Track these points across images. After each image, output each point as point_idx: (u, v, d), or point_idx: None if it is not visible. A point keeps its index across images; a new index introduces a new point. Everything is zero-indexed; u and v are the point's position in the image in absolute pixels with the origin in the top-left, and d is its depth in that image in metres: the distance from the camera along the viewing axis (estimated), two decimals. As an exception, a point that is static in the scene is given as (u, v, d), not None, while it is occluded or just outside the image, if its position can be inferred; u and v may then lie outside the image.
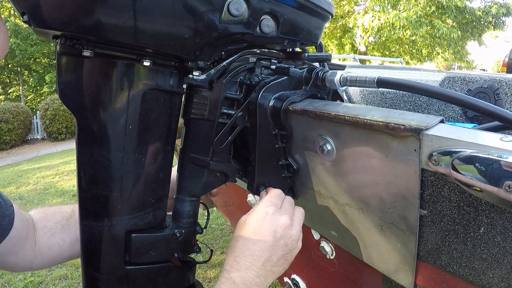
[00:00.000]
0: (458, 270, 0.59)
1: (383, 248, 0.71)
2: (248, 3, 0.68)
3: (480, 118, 0.88)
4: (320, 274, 1.06)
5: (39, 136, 11.37)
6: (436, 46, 13.12)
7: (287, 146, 0.82)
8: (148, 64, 0.69)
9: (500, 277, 0.54)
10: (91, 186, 0.74)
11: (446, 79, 0.97)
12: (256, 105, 0.78)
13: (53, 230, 0.84)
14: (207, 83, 0.81)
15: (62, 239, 0.83)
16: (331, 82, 0.78)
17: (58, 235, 0.83)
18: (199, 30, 0.67)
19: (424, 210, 0.61)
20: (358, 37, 13.15)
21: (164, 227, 0.82)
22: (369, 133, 0.63)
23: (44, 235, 0.81)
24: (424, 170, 0.57)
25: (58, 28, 0.62)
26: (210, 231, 3.21)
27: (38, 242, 0.79)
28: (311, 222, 0.94)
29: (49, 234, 0.82)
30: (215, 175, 0.86)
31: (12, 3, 0.64)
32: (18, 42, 13.42)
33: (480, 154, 0.48)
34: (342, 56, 9.72)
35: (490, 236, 0.53)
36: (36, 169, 6.46)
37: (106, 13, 0.60)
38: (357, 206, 0.73)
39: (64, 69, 0.70)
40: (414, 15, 10.75)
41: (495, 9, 11.92)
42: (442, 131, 0.54)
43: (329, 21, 0.94)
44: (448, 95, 0.62)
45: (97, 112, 0.70)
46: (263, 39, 0.77)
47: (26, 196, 4.76)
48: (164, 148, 0.78)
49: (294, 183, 0.87)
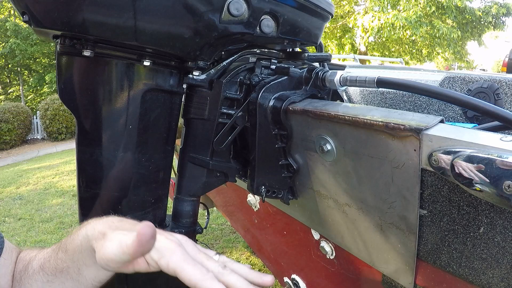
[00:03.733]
0: (458, 270, 0.59)
1: (383, 248, 0.71)
2: (248, 3, 0.68)
3: (480, 118, 0.88)
4: (320, 274, 1.06)
5: (39, 136, 11.37)
6: (436, 46, 13.11)
7: (287, 146, 0.82)
8: (148, 64, 0.69)
9: (500, 277, 0.54)
10: (91, 186, 0.74)
11: (446, 79, 0.97)
12: (256, 105, 0.78)
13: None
14: (207, 83, 0.81)
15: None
16: (331, 82, 0.78)
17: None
18: (199, 30, 0.67)
19: (424, 210, 0.61)
20: (358, 37, 13.14)
21: (164, 227, 0.83)
22: (369, 133, 0.63)
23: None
24: (424, 170, 0.57)
25: (58, 27, 0.62)
26: (210, 231, 3.21)
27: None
28: (311, 222, 0.94)
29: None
30: (215, 175, 0.86)
31: (12, 3, 0.65)
32: (18, 42, 13.40)
33: (480, 154, 0.48)
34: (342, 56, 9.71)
35: (490, 236, 0.53)
36: (36, 169, 6.46)
37: (106, 13, 0.60)
38: (357, 206, 0.73)
39: (64, 69, 0.70)
40: (414, 15, 10.75)
41: (495, 9, 11.91)
42: (442, 131, 0.54)
43: (329, 21, 0.94)
44: (448, 95, 0.62)
45: (97, 112, 0.70)
46: (263, 39, 0.77)
47: (26, 196, 4.76)
48: (164, 148, 0.78)
49: (294, 183, 0.87)
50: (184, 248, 0.48)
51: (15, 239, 3.38)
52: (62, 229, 3.55)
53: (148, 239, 0.43)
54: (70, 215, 3.90)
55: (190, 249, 0.48)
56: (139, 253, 0.44)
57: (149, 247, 0.44)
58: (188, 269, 0.44)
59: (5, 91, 17.37)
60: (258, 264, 2.63)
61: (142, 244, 0.43)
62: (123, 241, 0.45)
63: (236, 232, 3.01)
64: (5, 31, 13.80)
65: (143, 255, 0.46)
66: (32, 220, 3.85)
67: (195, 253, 0.48)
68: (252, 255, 2.76)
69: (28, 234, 3.49)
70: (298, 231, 1.06)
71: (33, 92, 16.47)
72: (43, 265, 0.57)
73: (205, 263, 0.46)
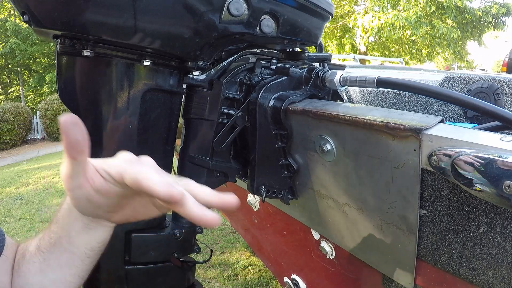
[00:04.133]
0: (458, 270, 0.59)
1: (383, 248, 0.71)
2: (248, 3, 0.68)
3: (480, 118, 0.88)
4: (320, 274, 1.06)
5: (39, 136, 11.37)
6: (436, 46, 13.11)
7: (287, 146, 0.82)
8: (148, 64, 0.69)
9: (500, 277, 0.54)
10: (91, 186, 0.74)
11: (446, 79, 0.97)
12: (256, 105, 0.78)
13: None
14: (207, 83, 0.81)
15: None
16: (331, 82, 0.78)
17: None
18: (199, 30, 0.67)
19: (424, 210, 0.61)
20: (358, 37, 13.14)
21: (164, 227, 0.83)
22: (369, 133, 0.63)
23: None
24: (424, 170, 0.57)
25: (58, 27, 0.62)
26: (210, 231, 3.20)
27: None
28: (311, 222, 0.94)
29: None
30: (215, 175, 0.86)
31: (12, 3, 0.65)
32: (18, 42, 13.40)
33: (480, 154, 0.48)
34: (342, 56, 9.71)
35: (490, 236, 0.53)
36: (36, 169, 6.46)
37: (106, 13, 0.60)
38: (357, 206, 0.73)
39: (64, 69, 0.70)
40: (414, 15, 10.75)
41: (495, 9, 11.91)
42: (442, 131, 0.54)
43: (329, 21, 0.94)
44: (448, 95, 0.62)
45: (97, 112, 0.70)
46: (263, 39, 0.77)
47: (26, 196, 4.76)
48: (164, 148, 0.78)
49: (294, 183, 0.87)
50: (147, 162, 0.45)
51: (15, 239, 3.38)
52: (62, 229, 3.55)
53: (69, 125, 0.40)
54: (70, 215, 3.89)
55: (152, 164, 0.45)
56: (69, 140, 0.42)
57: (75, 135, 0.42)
58: (153, 177, 0.40)
59: (5, 91, 17.37)
60: (258, 264, 2.63)
61: (67, 132, 0.40)
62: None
63: (236, 232, 3.01)
64: (5, 31, 13.80)
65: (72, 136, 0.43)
66: (32, 220, 3.85)
67: (157, 168, 0.44)
68: (252, 255, 2.76)
69: (28, 234, 3.49)
70: (298, 231, 1.06)
71: (33, 92, 16.46)
72: (39, 244, 0.56)
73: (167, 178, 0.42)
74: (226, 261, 2.73)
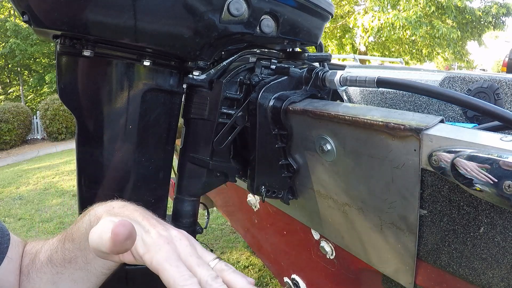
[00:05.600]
0: (458, 270, 0.59)
1: (383, 248, 0.71)
2: (248, 3, 0.68)
3: (480, 118, 0.88)
4: (320, 274, 1.06)
5: (39, 136, 11.37)
6: (436, 46, 13.11)
7: (287, 146, 0.82)
8: (148, 64, 0.69)
9: (500, 277, 0.54)
10: (91, 186, 0.74)
11: (446, 79, 0.97)
12: (256, 105, 0.78)
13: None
14: (207, 83, 0.81)
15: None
16: (331, 82, 0.78)
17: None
18: (199, 30, 0.67)
19: (424, 210, 0.61)
20: (358, 37, 13.14)
21: (164, 227, 0.82)
22: (369, 133, 0.63)
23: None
24: (424, 170, 0.57)
25: (58, 27, 0.62)
26: (210, 231, 3.21)
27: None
28: (311, 222, 0.94)
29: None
30: (215, 175, 0.86)
31: (12, 3, 0.65)
32: (18, 42, 13.40)
33: (480, 154, 0.48)
34: (342, 56, 9.71)
35: (490, 236, 0.53)
36: (36, 169, 6.46)
37: (106, 13, 0.60)
38: (357, 206, 0.73)
39: (64, 69, 0.70)
40: (414, 15, 10.75)
41: (495, 9, 11.91)
42: (442, 131, 0.54)
43: (329, 21, 0.94)
44: (448, 95, 0.62)
45: (97, 112, 0.70)
46: (263, 39, 0.77)
47: (26, 196, 4.76)
48: (164, 148, 0.78)
49: (294, 183, 0.87)
50: (176, 246, 0.44)
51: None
52: (62, 229, 3.55)
53: (122, 240, 0.39)
54: (70, 215, 3.90)
55: (183, 248, 0.44)
56: (115, 252, 0.41)
57: (125, 247, 0.41)
58: (170, 270, 0.40)
59: (5, 91, 17.37)
60: (258, 264, 2.63)
61: (117, 244, 0.40)
62: (103, 233, 0.42)
63: (236, 232, 3.01)
64: (5, 31, 13.80)
65: (121, 253, 0.42)
66: (32, 220, 3.86)
67: (186, 254, 0.43)
68: (252, 255, 2.76)
69: (28, 234, 3.49)
70: (298, 231, 1.06)
71: (33, 92, 16.47)
72: (51, 256, 0.55)
73: (194, 267, 0.41)
74: (226, 261, 2.73)
